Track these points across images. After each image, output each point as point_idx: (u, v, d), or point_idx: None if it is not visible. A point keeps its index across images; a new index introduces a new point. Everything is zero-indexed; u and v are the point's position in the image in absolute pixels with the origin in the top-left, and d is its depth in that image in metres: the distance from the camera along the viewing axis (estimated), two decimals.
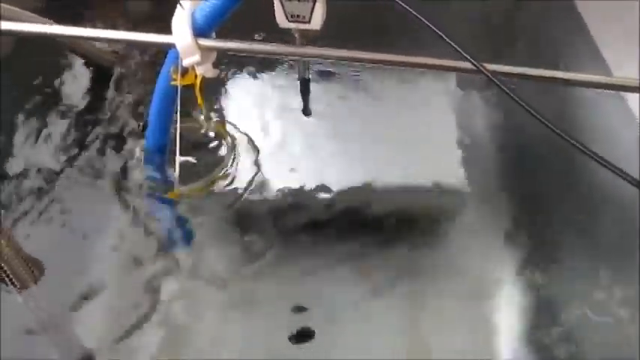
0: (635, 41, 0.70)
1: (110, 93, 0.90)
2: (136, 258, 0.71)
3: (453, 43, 0.41)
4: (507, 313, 0.69)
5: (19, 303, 0.66)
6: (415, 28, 0.53)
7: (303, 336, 0.67)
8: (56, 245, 0.73)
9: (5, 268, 0.64)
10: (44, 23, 0.70)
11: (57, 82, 0.91)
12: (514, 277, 0.72)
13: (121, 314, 0.67)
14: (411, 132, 0.86)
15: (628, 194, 0.61)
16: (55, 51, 0.94)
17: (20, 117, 0.85)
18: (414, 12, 0.48)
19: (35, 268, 0.66)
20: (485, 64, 0.40)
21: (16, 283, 0.65)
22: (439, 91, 0.94)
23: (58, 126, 0.85)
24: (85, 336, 0.66)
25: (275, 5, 0.60)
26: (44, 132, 0.84)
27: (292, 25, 0.63)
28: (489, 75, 0.38)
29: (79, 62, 0.93)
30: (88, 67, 0.92)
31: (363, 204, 0.79)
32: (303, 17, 0.61)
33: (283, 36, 0.63)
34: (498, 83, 0.38)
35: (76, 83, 0.91)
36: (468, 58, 0.39)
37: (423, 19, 0.45)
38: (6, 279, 0.64)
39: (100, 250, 0.72)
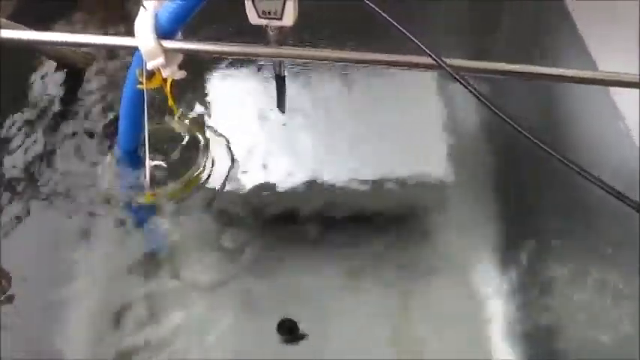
0: (625, 39, 0.71)
1: (83, 94, 0.89)
2: (112, 261, 0.70)
3: (414, 38, 0.40)
4: (497, 308, 0.69)
5: None
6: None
7: (292, 334, 0.66)
8: (31, 251, 0.72)
9: None
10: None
11: (29, 84, 0.90)
12: (503, 270, 0.72)
13: (103, 316, 0.66)
14: (397, 127, 0.86)
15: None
16: (24, 53, 0.93)
17: None
18: (376, 8, 0.48)
19: (3, 279, 0.65)
20: (447, 60, 0.39)
21: None
22: (426, 84, 0.94)
23: (30, 129, 0.84)
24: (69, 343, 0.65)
25: (246, 2, 0.61)
26: (15, 135, 0.83)
27: (264, 22, 0.63)
28: (450, 71, 0.38)
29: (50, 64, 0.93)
30: (62, 69, 0.91)
31: (348, 200, 0.79)
32: (275, 13, 0.62)
33: None
34: (460, 79, 0.37)
35: (48, 85, 0.90)
36: (428, 52, 0.39)
37: (385, 16, 0.45)
38: None
39: (75, 254, 0.71)
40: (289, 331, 0.65)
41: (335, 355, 0.65)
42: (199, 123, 0.83)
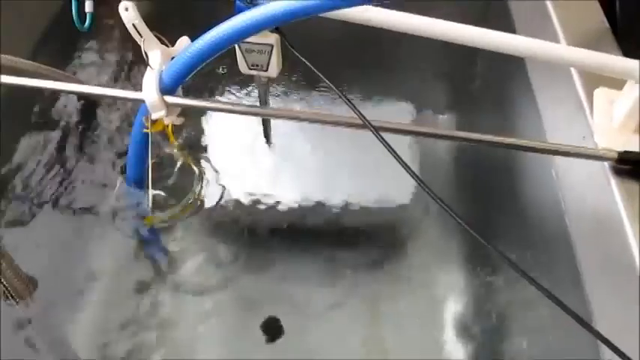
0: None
1: (97, 125, 0.99)
2: (119, 270, 0.83)
3: (346, 99, 0.52)
4: (460, 318, 0.79)
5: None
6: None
7: (274, 331, 0.77)
8: (49, 259, 0.83)
9: (3, 281, 0.72)
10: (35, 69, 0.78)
11: (46, 113, 1.00)
12: (468, 284, 0.82)
13: (110, 319, 0.78)
14: (373, 154, 0.92)
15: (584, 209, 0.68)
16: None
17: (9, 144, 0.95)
18: (317, 71, 0.60)
19: (29, 283, 0.75)
20: (373, 121, 0.51)
21: (14, 295, 0.73)
22: (402, 114, 1.03)
23: (45, 156, 0.94)
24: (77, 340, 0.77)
25: (237, 56, 0.72)
26: (30, 161, 0.93)
27: (253, 72, 0.74)
28: (373, 131, 0.49)
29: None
30: (78, 99, 1.01)
31: (328, 220, 0.89)
32: (262, 66, 0.72)
33: None
34: (380, 139, 0.49)
35: (64, 115, 1.00)
36: (357, 112, 0.50)
37: (322, 76, 0.57)
38: (5, 292, 0.73)
39: (87, 264, 0.83)
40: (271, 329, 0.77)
41: (313, 348, 0.75)
42: (194, 156, 0.94)
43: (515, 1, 1.04)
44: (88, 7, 0.69)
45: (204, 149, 0.97)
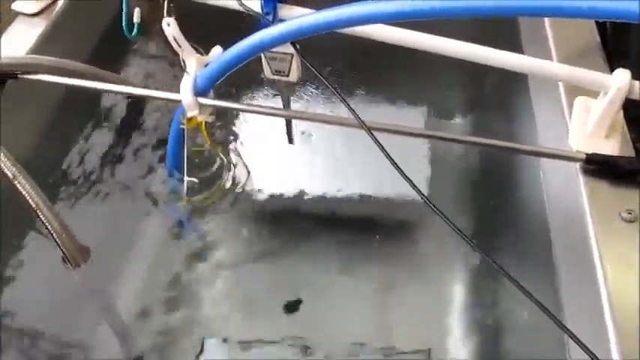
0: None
1: (143, 120, 1.12)
2: (157, 245, 0.95)
3: (344, 101, 0.62)
4: (455, 298, 0.87)
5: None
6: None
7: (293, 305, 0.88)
8: (101, 233, 0.95)
9: (62, 247, 0.78)
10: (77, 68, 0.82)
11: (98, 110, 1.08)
12: (468, 268, 0.90)
13: (149, 279, 0.90)
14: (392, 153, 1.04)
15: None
16: None
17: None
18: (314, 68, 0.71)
19: (84, 251, 0.82)
20: (367, 121, 0.60)
21: (71, 261, 0.80)
22: (412, 114, 1.13)
23: (98, 146, 1.03)
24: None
25: (263, 64, 0.81)
26: (83, 151, 1.01)
27: (276, 77, 0.83)
28: (367, 130, 0.59)
29: None
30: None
31: (341, 209, 0.99)
32: (283, 72, 0.81)
33: None
34: (373, 139, 0.59)
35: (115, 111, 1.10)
36: (354, 113, 0.60)
37: (321, 77, 0.67)
38: (63, 257, 0.79)
39: (132, 239, 0.96)
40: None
41: (326, 322, 0.85)
42: (224, 147, 1.06)
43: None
44: (136, 17, 0.78)
45: (233, 142, 1.09)
